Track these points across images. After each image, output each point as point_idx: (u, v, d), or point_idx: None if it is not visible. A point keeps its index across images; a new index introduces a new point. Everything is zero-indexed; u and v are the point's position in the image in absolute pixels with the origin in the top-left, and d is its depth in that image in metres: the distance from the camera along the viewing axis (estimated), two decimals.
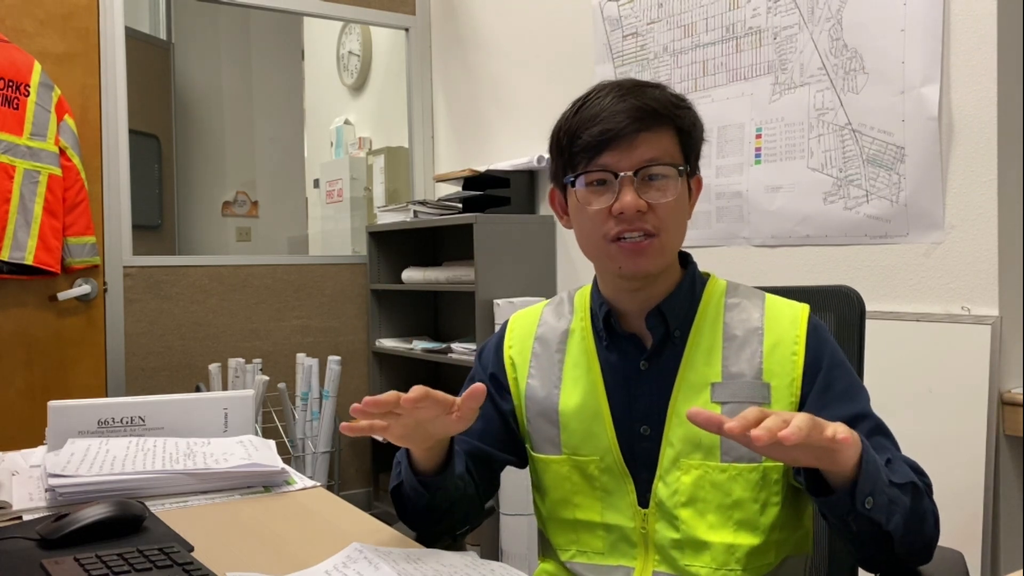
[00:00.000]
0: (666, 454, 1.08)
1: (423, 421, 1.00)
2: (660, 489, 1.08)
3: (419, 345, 3.18)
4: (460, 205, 2.91)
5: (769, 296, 1.15)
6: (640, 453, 1.10)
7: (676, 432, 1.08)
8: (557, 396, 1.16)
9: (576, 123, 1.09)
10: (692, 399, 1.09)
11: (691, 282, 1.14)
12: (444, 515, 1.13)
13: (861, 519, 0.94)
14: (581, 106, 1.10)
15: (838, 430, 0.84)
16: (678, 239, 1.11)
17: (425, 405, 0.96)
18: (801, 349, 1.08)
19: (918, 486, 0.99)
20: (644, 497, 1.10)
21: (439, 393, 0.98)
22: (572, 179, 1.10)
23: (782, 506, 1.06)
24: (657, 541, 1.09)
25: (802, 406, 1.07)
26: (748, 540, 1.05)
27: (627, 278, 1.10)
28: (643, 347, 1.13)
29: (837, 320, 1.27)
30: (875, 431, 1.05)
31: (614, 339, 1.14)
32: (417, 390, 0.95)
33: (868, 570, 1.05)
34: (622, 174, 1.05)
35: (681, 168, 1.09)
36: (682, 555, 1.07)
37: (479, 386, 0.99)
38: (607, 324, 1.14)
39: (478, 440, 1.18)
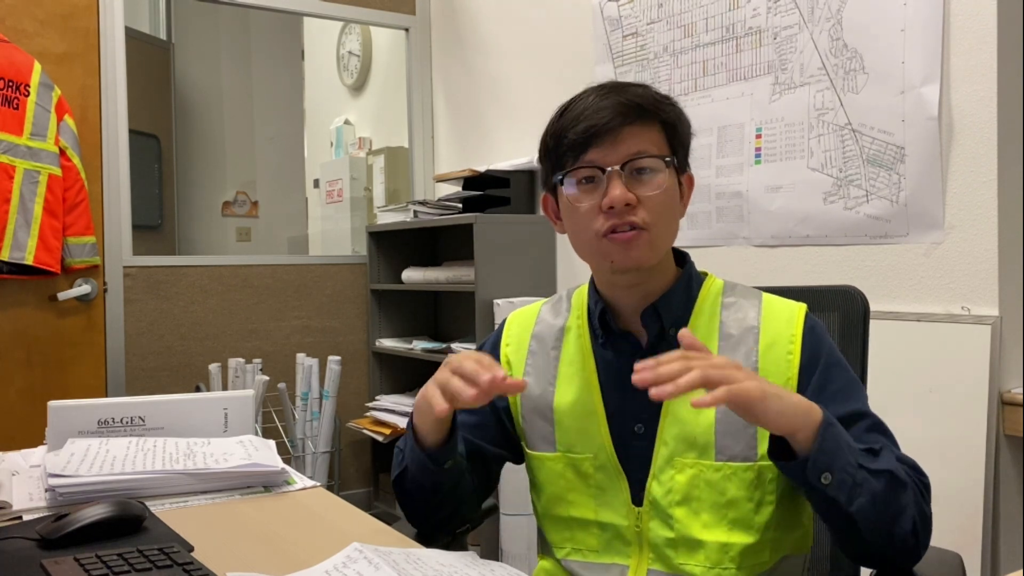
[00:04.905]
0: (660, 453, 1.08)
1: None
2: (654, 488, 1.08)
3: (419, 345, 3.18)
4: (460, 205, 2.91)
5: (766, 295, 1.14)
6: (634, 451, 1.10)
7: (670, 431, 1.08)
8: (552, 393, 1.16)
9: (561, 125, 1.09)
10: (686, 398, 1.08)
11: (688, 281, 1.14)
12: (448, 497, 1.14)
13: (817, 495, 0.96)
14: (565, 109, 1.11)
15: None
16: (669, 233, 1.11)
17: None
18: (797, 348, 1.08)
19: (898, 477, 0.98)
20: (638, 495, 1.10)
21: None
22: (560, 178, 1.10)
23: (777, 505, 1.06)
24: (651, 540, 1.09)
25: None
26: (742, 539, 1.05)
27: (620, 272, 1.10)
28: (638, 345, 1.12)
29: (841, 320, 1.26)
30: (872, 429, 1.05)
31: (610, 337, 1.14)
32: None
33: (867, 566, 1.05)
34: (609, 168, 1.06)
35: (668, 159, 1.08)
36: (676, 554, 1.07)
37: (523, 382, 1.01)
38: (603, 322, 1.14)
39: (471, 435, 1.18)
